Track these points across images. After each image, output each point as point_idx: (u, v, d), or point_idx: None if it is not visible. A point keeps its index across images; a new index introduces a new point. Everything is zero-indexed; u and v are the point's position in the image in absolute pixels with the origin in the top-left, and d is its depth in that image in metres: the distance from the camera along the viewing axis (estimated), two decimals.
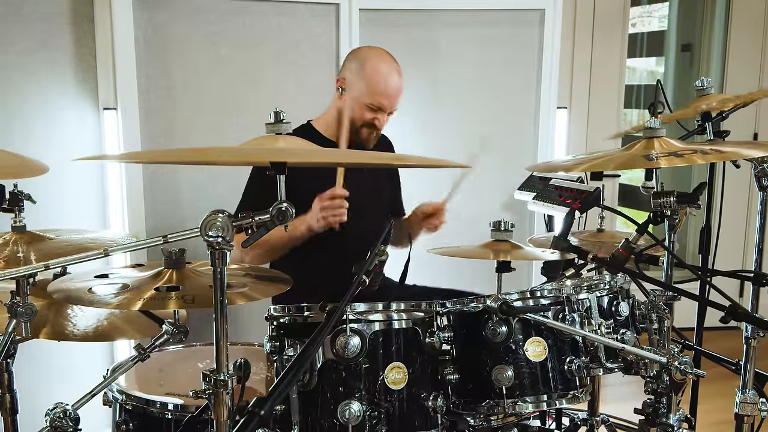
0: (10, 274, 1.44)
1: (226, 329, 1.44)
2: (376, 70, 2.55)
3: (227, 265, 1.39)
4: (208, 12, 3.11)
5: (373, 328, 1.67)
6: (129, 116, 3.01)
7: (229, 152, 1.40)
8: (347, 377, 1.64)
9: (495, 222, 1.81)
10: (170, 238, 1.43)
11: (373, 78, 2.53)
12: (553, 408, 1.87)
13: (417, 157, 1.30)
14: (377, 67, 2.56)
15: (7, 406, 1.88)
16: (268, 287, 1.71)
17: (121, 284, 1.65)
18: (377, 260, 1.56)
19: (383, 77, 2.54)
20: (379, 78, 2.53)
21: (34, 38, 2.89)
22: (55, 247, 1.71)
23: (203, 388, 1.47)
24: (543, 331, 1.80)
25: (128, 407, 1.92)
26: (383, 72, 2.55)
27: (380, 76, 2.54)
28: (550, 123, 3.53)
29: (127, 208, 3.05)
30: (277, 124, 1.43)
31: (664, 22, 6.29)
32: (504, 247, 1.78)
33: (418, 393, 1.69)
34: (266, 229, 1.40)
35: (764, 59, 4.69)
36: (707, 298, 1.65)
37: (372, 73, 2.54)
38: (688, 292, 1.67)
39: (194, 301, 1.55)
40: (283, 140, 1.42)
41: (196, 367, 2.23)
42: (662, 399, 1.93)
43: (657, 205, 1.77)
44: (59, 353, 2.96)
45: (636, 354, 1.80)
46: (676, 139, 1.87)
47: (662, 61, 6.55)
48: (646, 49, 6.46)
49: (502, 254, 1.74)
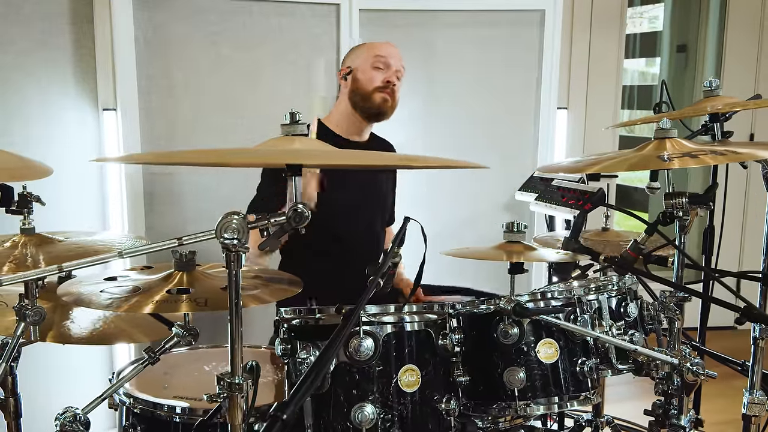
0: (23, 277, 1.42)
1: (241, 332, 1.43)
2: (369, 43, 2.80)
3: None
4: (208, 12, 3.10)
5: (385, 331, 1.66)
6: (129, 117, 2.99)
7: (247, 154, 1.39)
8: (360, 380, 1.62)
9: (508, 223, 1.80)
10: (185, 241, 1.41)
11: (370, 46, 2.75)
12: (564, 410, 1.86)
13: (437, 158, 1.29)
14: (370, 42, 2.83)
15: (11, 409, 1.86)
16: (280, 290, 1.69)
17: (131, 287, 1.63)
18: (390, 262, 1.55)
19: (377, 43, 2.77)
20: (374, 44, 2.76)
21: (33, 38, 2.87)
22: (65, 249, 1.69)
23: (217, 391, 1.46)
24: (554, 333, 1.80)
25: (136, 411, 1.90)
26: (376, 42, 2.80)
27: (375, 43, 2.77)
28: (550, 124, 3.53)
29: (127, 209, 3.03)
30: (292, 125, 1.42)
31: (654, 22, 6.33)
32: (517, 248, 1.77)
33: (431, 396, 1.68)
34: (283, 231, 1.38)
35: (761, 60, 4.71)
36: (720, 300, 1.64)
37: (367, 45, 2.78)
38: (702, 293, 1.67)
39: (207, 303, 1.54)
40: (299, 141, 1.40)
41: (202, 370, 2.21)
42: (672, 400, 1.93)
43: (669, 206, 1.77)
44: (57, 355, 2.93)
45: (648, 355, 1.79)
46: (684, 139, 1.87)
47: (652, 61, 6.59)
48: (639, 50, 6.49)
49: (515, 255, 1.73)
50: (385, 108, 2.68)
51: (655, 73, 6.97)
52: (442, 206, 3.37)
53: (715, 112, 2.07)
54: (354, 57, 2.74)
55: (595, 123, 4.48)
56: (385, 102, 2.66)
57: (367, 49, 2.73)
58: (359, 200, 2.55)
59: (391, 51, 2.70)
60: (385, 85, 2.65)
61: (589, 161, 1.83)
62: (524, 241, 1.83)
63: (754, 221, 4.81)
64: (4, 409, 1.79)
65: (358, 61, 2.70)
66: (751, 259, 4.79)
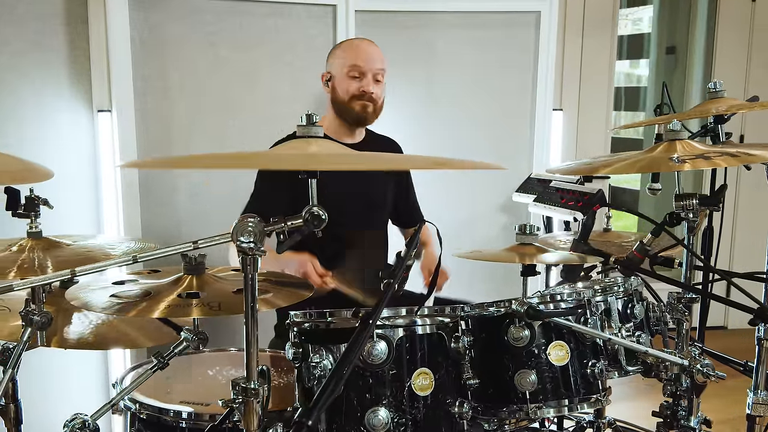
0: (38, 280, 1.40)
1: (257, 336, 1.42)
2: (347, 45, 2.78)
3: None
4: (204, 12, 3.07)
5: (398, 334, 1.65)
6: (125, 118, 2.95)
7: (266, 158, 1.37)
8: (374, 384, 1.61)
9: (521, 226, 1.79)
10: (200, 244, 1.39)
11: (346, 51, 2.73)
12: (576, 412, 1.87)
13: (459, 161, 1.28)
14: (348, 43, 2.81)
15: (11, 416, 1.83)
16: (291, 294, 1.68)
17: (141, 291, 1.61)
18: (405, 265, 1.54)
19: (354, 45, 2.75)
20: (350, 48, 2.73)
21: (27, 39, 2.83)
22: (73, 253, 1.66)
23: (231, 396, 1.44)
24: (565, 335, 1.80)
25: (142, 416, 1.88)
26: (354, 43, 2.79)
27: (351, 46, 2.75)
28: (546, 125, 3.53)
29: (123, 211, 2.99)
30: (308, 127, 1.40)
31: (639, 24, 6.37)
32: (529, 250, 1.77)
33: (444, 399, 1.67)
34: (300, 234, 1.37)
35: (750, 62, 4.75)
36: (734, 300, 1.64)
37: (344, 48, 2.76)
38: (715, 295, 1.67)
39: (220, 308, 1.52)
40: (316, 144, 1.39)
41: (206, 374, 2.19)
42: (680, 401, 1.94)
43: (679, 207, 1.77)
44: (51, 360, 2.89)
45: (659, 357, 1.80)
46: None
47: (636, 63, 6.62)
48: (626, 52, 6.53)
49: (527, 257, 1.73)
50: (365, 115, 2.68)
51: (640, 75, 7.02)
52: (439, 208, 3.35)
53: (720, 114, 2.07)
54: (332, 62, 2.73)
55: (587, 124, 4.50)
56: (365, 109, 2.66)
57: (343, 54, 2.70)
58: (356, 199, 2.53)
59: (366, 55, 2.67)
60: (361, 94, 2.64)
61: (601, 162, 1.83)
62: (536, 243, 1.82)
63: (744, 221, 4.85)
64: (4, 416, 1.76)
65: (335, 68, 2.70)
66: (743, 259, 4.82)
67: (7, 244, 1.66)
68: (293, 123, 3.28)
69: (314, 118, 1.41)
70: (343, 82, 2.66)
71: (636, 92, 7.01)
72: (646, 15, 6.34)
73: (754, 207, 4.80)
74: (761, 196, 4.47)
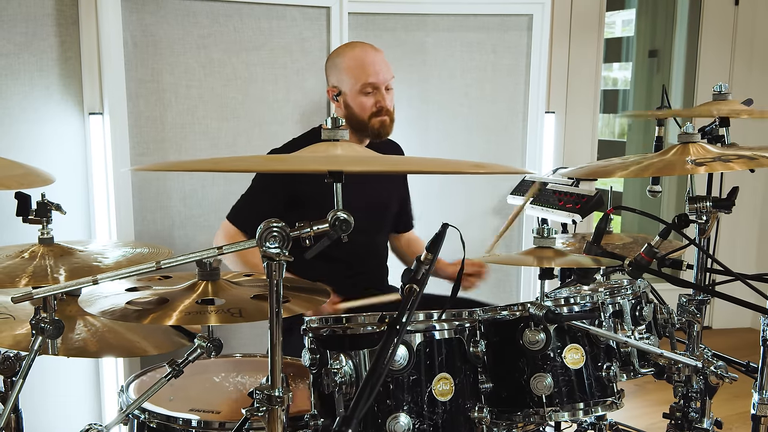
0: (58, 288, 1.36)
1: (281, 342, 1.40)
2: (349, 57, 2.62)
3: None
4: (198, 14, 3.03)
5: (418, 339, 1.64)
6: (117, 121, 2.90)
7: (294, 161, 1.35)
8: (395, 389, 1.60)
9: (538, 229, 1.79)
10: (225, 250, 1.36)
11: (351, 64, 2.60)
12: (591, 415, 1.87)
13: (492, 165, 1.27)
14: (349, 54, 2.64)
15: (12, 425, 1.81)
16: (309, 300, 1.66)
17: (157, 298, 1.58)
18: (424, 268, 1.53)
19: (359, 59, 2.60)
20: (355, 61, 2.60)
21: (16, 41, 2.76)
22: (86, 259, 1.62)
23: (255, 405, 1.42)
24: (580, 338, 1.79)
25: (152, 425, 1.84)
26: (357, 55, 2.63)
27: (356, 60, 2.60)
28: (538, 128, 3.55)
29: (115, 216, 2.94)
30: (334, 130, 1.39)
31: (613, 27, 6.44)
32: (547, 253, 1.76)
33: (463, 404, 1.66)
34: (329, 239, 1.35)
35: (733, 66, 4.80)
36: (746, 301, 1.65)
37: (348, 61, 2.61)
38: (728, 296, 1.68)
39: (241, 314, 1.49)
40: (341, 147, 1.37)
41: (211, 381, 2.16)
42: (691, 403, 1.95)
43: (693, 209, 1.78)
44: (45, 368, 2.83)
45: (672, 359, 1.80)
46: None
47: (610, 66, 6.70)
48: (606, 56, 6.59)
49: (545, 261, 1.73)
50: (386, 129, 2.62)
51: (616, 78, 7.10)
52: (432, 211, 3.35)
53: (726, 116, 2.09)
54: (340, 78, 2.62)
55: (574, 127, 4.52)
56: (383, 124, 2.60)
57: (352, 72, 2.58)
58: (368, 206, 2.51)
59: (376, 69, 2.58)
60: (379, 110, 2.58)
61: (616, 165, 1.83)
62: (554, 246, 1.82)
63: (743, 223, 4.90)
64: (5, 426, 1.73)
65: (345, 86, 2.60)
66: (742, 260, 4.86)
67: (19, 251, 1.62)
68: (287, 125, 3.27)
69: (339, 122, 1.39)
70: (357, 98, 2.58)
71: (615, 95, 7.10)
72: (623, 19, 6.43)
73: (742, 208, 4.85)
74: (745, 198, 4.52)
